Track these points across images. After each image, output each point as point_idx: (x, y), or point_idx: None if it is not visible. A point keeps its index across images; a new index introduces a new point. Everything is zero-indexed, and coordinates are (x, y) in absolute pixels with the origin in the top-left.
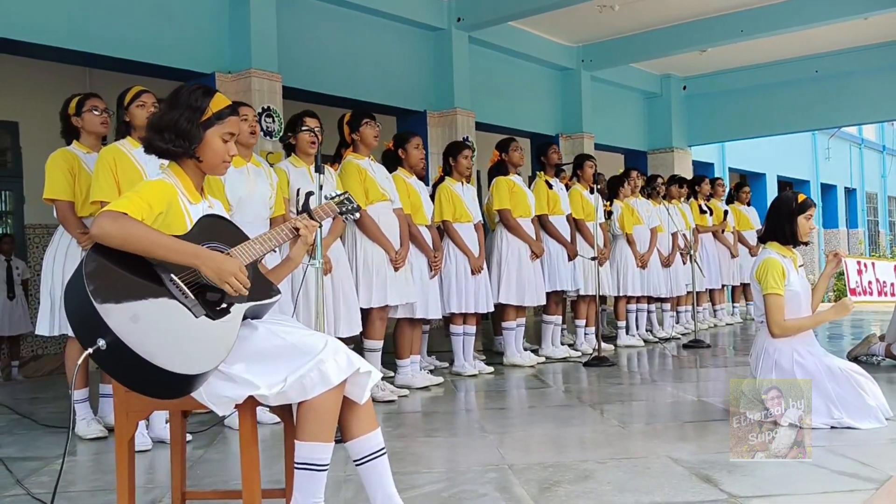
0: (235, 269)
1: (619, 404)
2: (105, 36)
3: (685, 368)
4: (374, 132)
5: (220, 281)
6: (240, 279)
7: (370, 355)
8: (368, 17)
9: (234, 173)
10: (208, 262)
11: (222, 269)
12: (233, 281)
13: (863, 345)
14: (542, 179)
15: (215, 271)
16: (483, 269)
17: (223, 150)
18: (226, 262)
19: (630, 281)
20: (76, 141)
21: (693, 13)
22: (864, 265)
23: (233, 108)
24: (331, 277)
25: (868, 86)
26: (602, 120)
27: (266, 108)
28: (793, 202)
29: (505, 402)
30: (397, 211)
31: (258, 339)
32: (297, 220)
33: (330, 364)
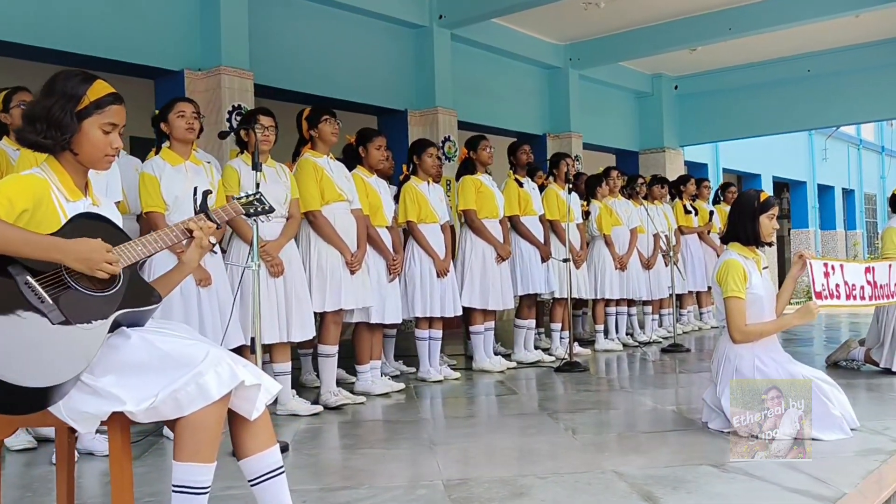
0: (104, 252)
1: (580, 413)
2: (70, 32)
3: (660, 374)
4: (333, 129)
5: (89, 270)
6: (110, 259)
7: (325, 361)
8: (346, 14)
9: (170, 171)
10: (71, 253)
11: (90, 258)
12: (105, 266)
13: (842, 349)
14: (511, 179)
15: (82, 261)
16: (450, 271)
17: (103, 143)
18: (92, 248)
19: (608, 283)
20: (6, 137)
21: (681, 10)
22: (831, 267)
23: (116, 96)
24: (283, 280)
25: (861, 85)
26: (591, 119)
27: (236, 107)
28: (755, 201)
29: (463, 410)
30: (355, 212)
31: (130, 349)
32: (192, 220)
33: (210, 377)
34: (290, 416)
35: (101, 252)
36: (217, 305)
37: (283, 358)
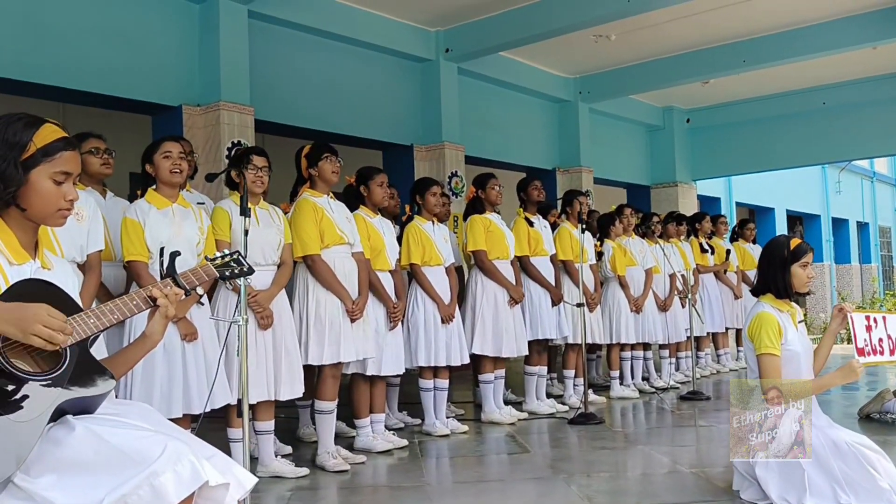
0: (42, 315)
1: (596, 477)
2: (66, 67)
3: (679, 427)
4: (334, 167)
5: (24, 336)
6: (51, 324)
7: (323, 418)
8: (350, 48)
9: (155, 215)
10: (3, 317)
11: (23, 319)
12: (41, 330)
13: (876, 401)
14: (521, 217)
15: (15, 324)
16: (456, 317)
17: (55, 195)
18: (26, 310)
19: (623, 327)
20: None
21: (692, 43)
22: (873, 320)
23: (68, 141)
24: (272, 333)
25: (878, 118)
26: (602, 153)
27: (236, 143)
28: (784, 249)
29: (471, 472)
30: (357, 255)
31: (74, 444)
32: (156, 286)
33: (167, 476)
34: (273, 479)
35: (38, 312)
36: (203, 362)
37: (267, 416)
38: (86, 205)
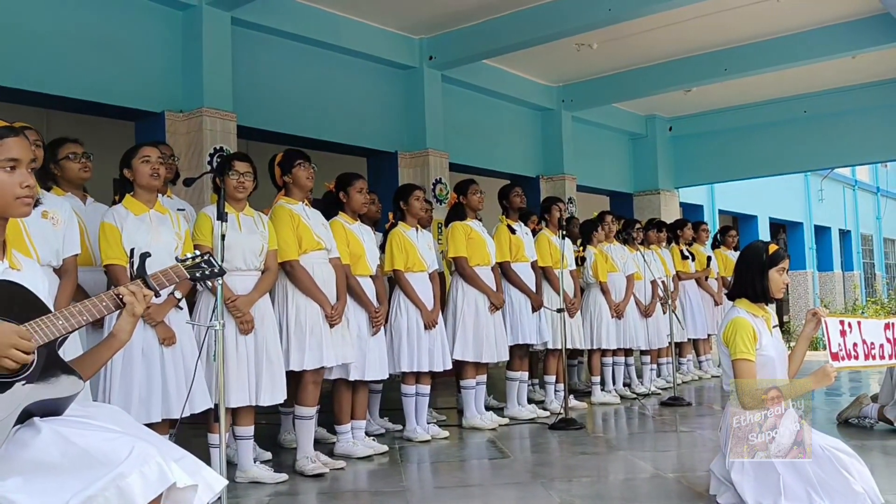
0: (12, 336)
1: (577, 482)
2: (49, 73)
3: (660, 432)
4: (308, 174)
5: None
6: (21, 346)
7: (302, 423)
8: (334, 55)
9: (133, 221)
10: None
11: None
12: (12, 353)
13: (853, 406)
14: (503, 224)
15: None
16: (439, 323)
17: (7, 183)
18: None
19: (604, 333)
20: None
21: (674, 52)
22: (848, 325)
23: (9, 128)
24: (253, 338)
25: (858, 126)
26: (585, 161)
27: (218, 149)
28: (763, 254)
29: (452, 478)
30: (334, 261)
31: (40, 446)
32: (126, 287)
33: (134, 478)
34: (252, 484)
35: (10, 336)
36: (182, 366)
37: (247, 421)
38: (61, 209)
